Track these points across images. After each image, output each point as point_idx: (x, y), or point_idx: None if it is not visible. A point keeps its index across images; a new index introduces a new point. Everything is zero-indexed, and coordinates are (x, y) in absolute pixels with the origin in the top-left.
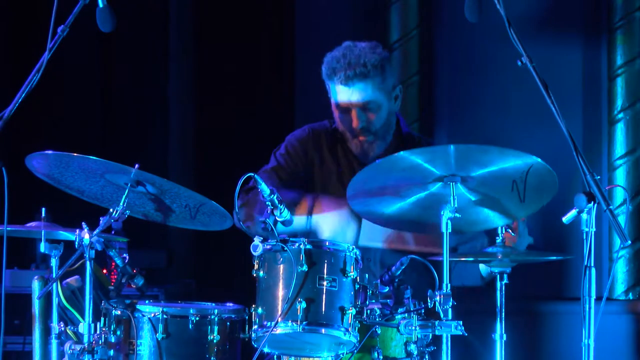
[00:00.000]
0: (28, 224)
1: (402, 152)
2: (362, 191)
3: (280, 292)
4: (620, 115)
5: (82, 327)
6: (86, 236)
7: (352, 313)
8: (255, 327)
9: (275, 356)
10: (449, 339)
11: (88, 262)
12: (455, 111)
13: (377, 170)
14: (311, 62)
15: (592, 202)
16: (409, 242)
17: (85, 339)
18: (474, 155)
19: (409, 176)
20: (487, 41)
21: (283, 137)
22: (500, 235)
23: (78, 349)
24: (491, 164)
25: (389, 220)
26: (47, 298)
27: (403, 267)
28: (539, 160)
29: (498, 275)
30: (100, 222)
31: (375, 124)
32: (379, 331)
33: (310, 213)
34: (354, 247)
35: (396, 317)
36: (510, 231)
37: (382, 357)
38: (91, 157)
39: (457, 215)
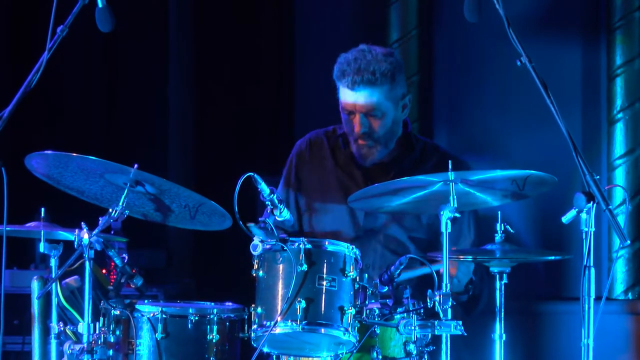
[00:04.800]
0: (27, 224)
1: (403, 178)
2: (363, 197)
3: (280, 292)
4: (620, 115)
5: (82, 327)
6: (85, 236)
7: (351, 313)
8: (254, 326)
9: (274, 356)
10: (449, 338)
11: (87, 262)
12: (454, 111)
13: (376, 188)
14: (311, 62)
15: (592, 202)
16: None
17: (85, 339)
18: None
19: (408, 184)
20: (487, 41)
21: (282, 137)
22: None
23: (77, 348)
24: (489, 174)
25: (388, 212)
26: (46, 298)
27: (402, 266)
28: (538, 173)
29: (497, 275)
30: (100, 222)
31: (378, 132)
32: (378, 331)
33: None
34: (354, 247)
35: (395, 316)
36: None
37: (381, 357)
38: (90, 157)
39: (457, 215)
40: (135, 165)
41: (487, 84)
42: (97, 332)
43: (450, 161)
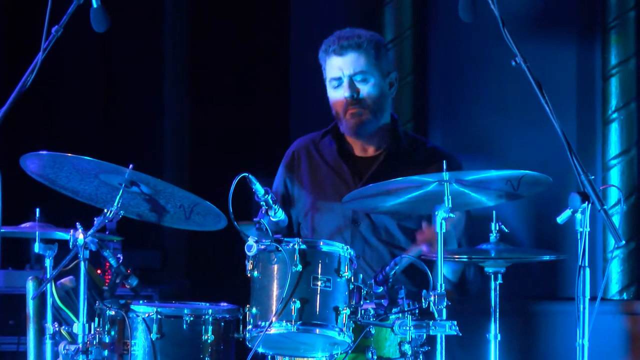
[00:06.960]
0: (22, 225)
1: (397, 179)
2: (357, 197)
3: (275, 292)
4: (615, 115)
5: (77, 328)
6: (80, 236)
7: (346, 313)
8: (249, 327)
9: (269, 356)
10: (444, 339)
11: (82, 263)
12: (449, 111)
13: (370, 188)
14: (306, 61)
15: (587, 202)
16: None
17: (80, 339)
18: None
19: (402, 184)
20: (481, 41)
21: (278, 137)
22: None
23: (72, 349)
24: (484, 174)
25: (383, 212)
26: (41, 298)
27: (397, 267)
28: (533, 173)
29: (492, 275)
30: (95, 222)
31: (366, 99)
32: (373, 331)
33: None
34: (348, 247)
35: (390, 317)
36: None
37: (376, 357)
38: (85, 157)
39: (452, 215)
40: (131, 166)
41: (482, 84)
42: (92, 332)
43: (445, 161)
